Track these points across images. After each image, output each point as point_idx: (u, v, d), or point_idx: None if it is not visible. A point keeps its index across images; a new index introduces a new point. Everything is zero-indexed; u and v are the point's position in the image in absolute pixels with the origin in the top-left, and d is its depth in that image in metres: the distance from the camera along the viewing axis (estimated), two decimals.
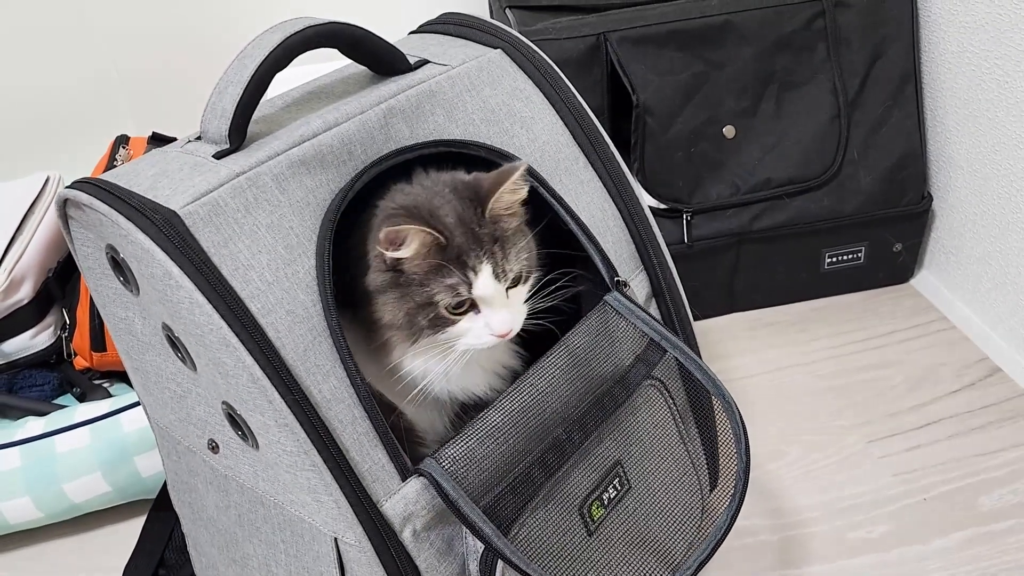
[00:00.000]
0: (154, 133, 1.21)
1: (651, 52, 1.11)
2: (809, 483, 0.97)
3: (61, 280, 1.12)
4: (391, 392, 0.66)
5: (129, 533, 0.94)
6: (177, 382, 0.65)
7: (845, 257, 1.23)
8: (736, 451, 0.69)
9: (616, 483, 0.69)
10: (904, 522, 0.92)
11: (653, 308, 0.79)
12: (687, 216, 1.15)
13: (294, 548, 0.64)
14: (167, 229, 0.55)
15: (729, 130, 1.15)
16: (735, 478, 0.68)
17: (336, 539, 0.59)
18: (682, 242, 1.16)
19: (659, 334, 0.72)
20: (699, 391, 0.78)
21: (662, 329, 0.72)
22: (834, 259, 1.23)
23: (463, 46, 0.78)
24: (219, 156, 0.61)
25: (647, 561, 0.70)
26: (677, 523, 0.73)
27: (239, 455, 0.64)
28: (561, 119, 0.77)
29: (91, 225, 0.62)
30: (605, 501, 0.68)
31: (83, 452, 0.92)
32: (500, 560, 0.61)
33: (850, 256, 1.23)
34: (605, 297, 0.72)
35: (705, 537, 0.67)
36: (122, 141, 1.20)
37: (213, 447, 0.66)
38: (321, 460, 0.56)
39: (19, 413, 1.02)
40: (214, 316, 0.55)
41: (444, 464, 0.60)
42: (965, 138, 1.14)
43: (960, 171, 1.17)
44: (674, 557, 0.71)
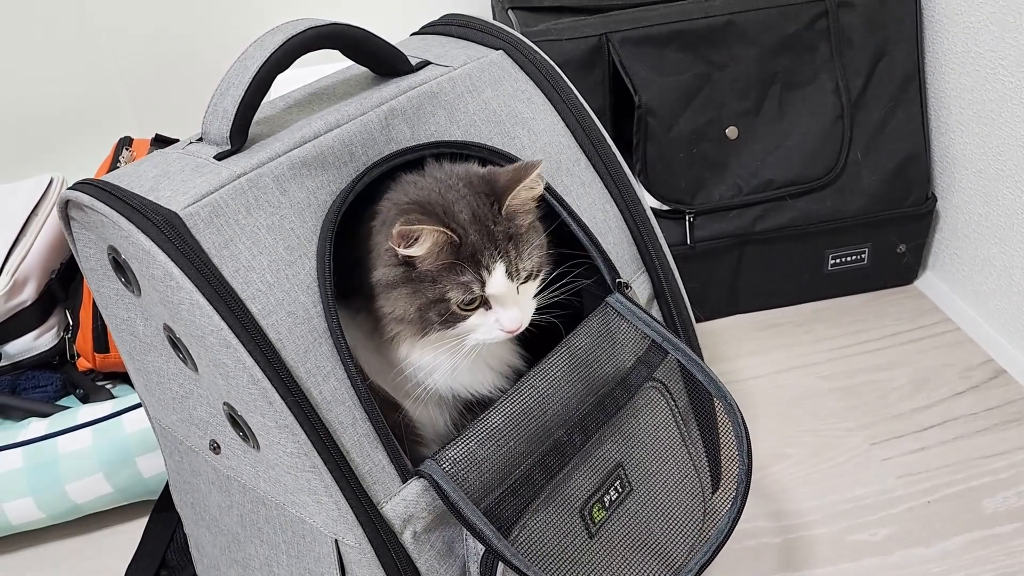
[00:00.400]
0: (157, 135, 1.22)
1: (653, 53, 1.11)
2: (812, 485, 0.97)
3: (64, 282, 1.12)
4: (394, 389, 0.66)
5: (131, 534, 0.94)
6: (179, 383, 0.65)
7: (849, 258, 1.23)
8: (738, 453, 0.69)
9: (617, 485, 0.69)
10: (907, 525, 0.92)
11: (655, 309, 0.79)
12: (689, 217, 1.15)
13: (295, 549, 0.64)
14: (168, 230, 0.55)
15: (732, 131, 1.15)
16: (736, 480, 0.68)
17: (337, 540, 0.59)
18: (684, 243, 1.16)
19: (661, 335, 0.72)
20: (701, 393, 0.77)
21: (664, 331, 0.72)
22: (838, 260, 1.22)
23: (464, 47, 0.78)
24: (220, 157, 0.61)
25: (649, 563, 0.69)
26: (679, 525, 0.73)
27: (240, 456, 0.64)
28: (562, 120, 0.77)
29: (92, 226, 0.62)
30: (606, 503, 0.68)
31: (85, 453, 0.92)
32: (501, 562, 0.61)
33: (854, 257, 1.23)
34: (607, 298, 0.72)
35: (707, 539, 0.67)
36: (126, 143, 1.20)
37: (215, 448, 0.66)
38: (321, 461, 0.56)
39: (22, 414, 1.02)
40: (214, 317, 0.55)
41: (444, 466, 0.60)
42: (969, 138, 1.14)
43: (964, 171, 1.16)
44: (676, 560, 0.71)
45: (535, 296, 0.66)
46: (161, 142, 1.20)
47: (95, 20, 1.33)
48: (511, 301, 0.63)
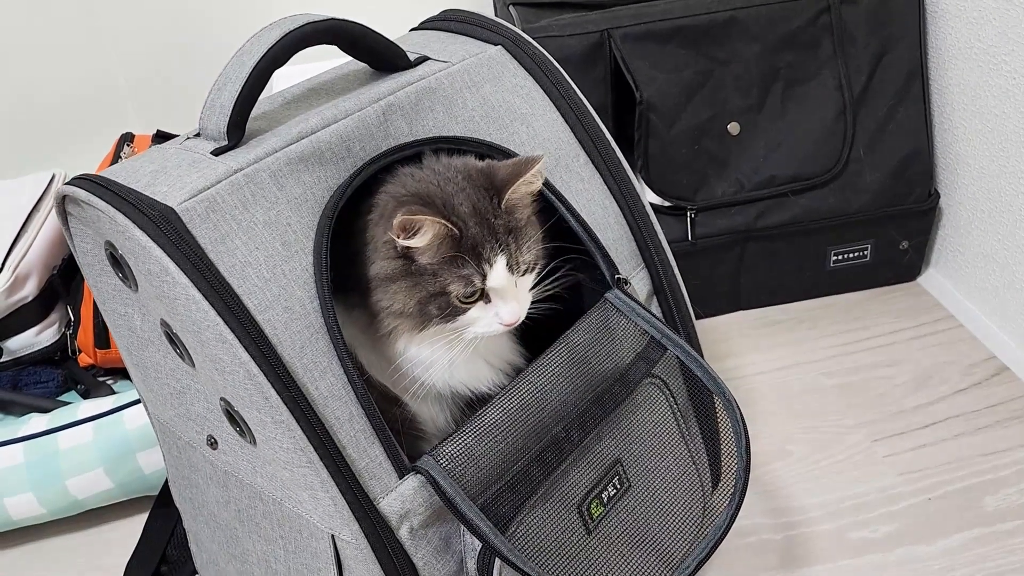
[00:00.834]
0: (159, 131, 1.22)
1: (655, 49, 1.11)
2: (813, 482, 0.97)
3: (65, 277, 1.12)
4: (394, 385, 0.66)
5: (132, 529, 0.94)
6: (176, 378, 0.65)
7: (851, 255, 1.22)
8: (736, 449, 0.69)
9: (616, 481, 0.69)
10: (908, 522, 0.91)
11: (654, 306, 0.79)
12: (691, 214, 1.15)
13: (293, 544, 0.64)
14: (164, 225, 0.55)
15: (734, 127, 1.14)
16: (735, 476, 0.68)
17: (333, 536, 0.59)
18: (686, 240, 1.15)
19: (660, 332, 0.72)
20: (700, 390, 0.77)
21: (663, 327, 0.72)
22: (840, 257, 1.22)
23: (464, 43, 0.78)
24: (217, 153, 0.61)
25: (647, 560, 0.69)
26: (677, 522, 0.72)
27: (237, 451, 0.64)
28: (562, 116, 0.77)
29: (89, 221, 0.62)
30: (604, 499, 0.68)
31: (86, 448, 0.92)
32: (498, 558, 0.61)
33: (856, 254, 1.22)
34: (606, 295, 0.72)
35: (705, 536, 0.67)
36: (127, 139, 1.21)
37: (212, 443, 0.66)
38: (317, 457, 0.56)
39: (23, 410, 1.03)
40: (210, 312, 0.55)
41: (442, 462, 0.60)
42: (973, 134, 1.13)
43: (968, 168, 1.16)
44: (674, 556, 0.71)
45: (531, 289, 0.66)
46: (162, 138, 1.20)
47: (98, 17, 1.33)
48: (510, 294, 0.63)
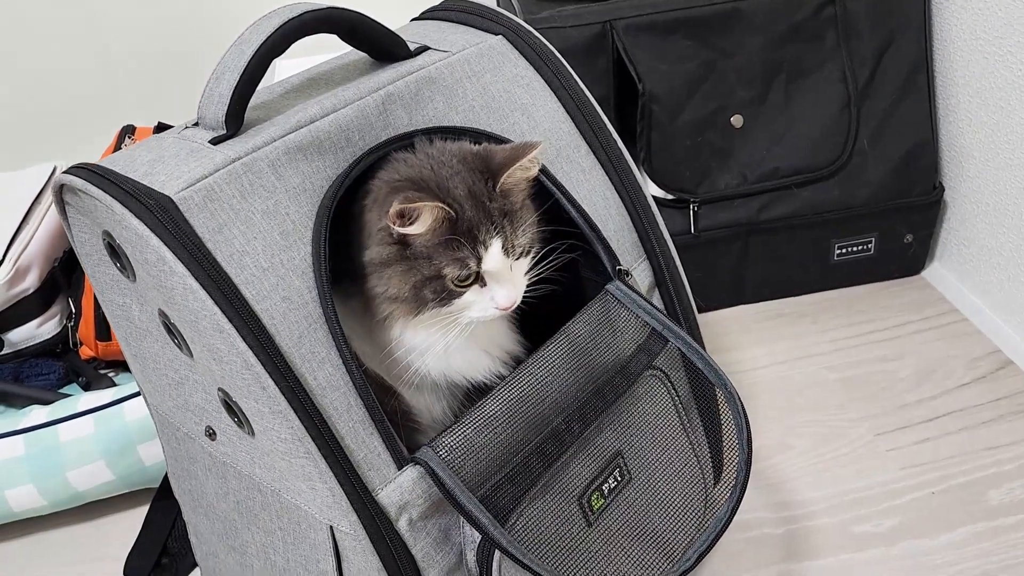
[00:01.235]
0: (159, 123, 1.21)
1: (658, 40, 1.10)
2: (816, 476, 0.96)
3: (67, 270, 1.12)
4: (389, 374, 0.66)
5: (132, 521, 0.94)
6: (174, 369, 0.65)
7: (855, 248, 1.21)
8: (738, 441, 0.68)
9: (616, 474, 0.68)
10: (911, 516, 0.91)
11: (656, 298, 0.79)
12: (694, 206, 1.14)
13: (291, 536, 0.63)
14: (161, 214, 0.55)
15: (737, 119, 1.14)
16: (736, 469, 0.67)
17: (332, 527, 0.59)
18: (689, 232, 1.15)
19: (661, 323, 0.71)
20: (702, 382, 0.77)
21: (664, 319, 0.71)
22: (844, 250, 1.21)
23: (464, 32, 0.77)
24: (215, 142, 0.61)
25: (647, 552, 0.69)
26: (678, 514, 0.72)
27: (236, 442, 0.63)
28: (563, 106, 0.76)
29: (87, 211, 0.61)
30: (605, 492, 0.67)
31: (87, 440, 0.92)
32: (497, 550, 0.61)
33: (860, 247, 1.21)
34: (607, 286, 0.72)
35: (705, 528, 0.66)
36: (128, 131, 1.20)
37: (211, 434, 0.66)
38: (315, 447, 0.56)
39: (24, 401, 1.02)
40: (208, 302, 0.54)
41: (441, 453, 0.59)
42: (978, 127, 1.12)
43: (972, 160, 1.15)
44: (675, 549, 0.70)
45: (526, 274, 0.65)
46: (163, 130, 1.20)
47: (98, 8, 1.33)
48: (506, 277, 0.63)
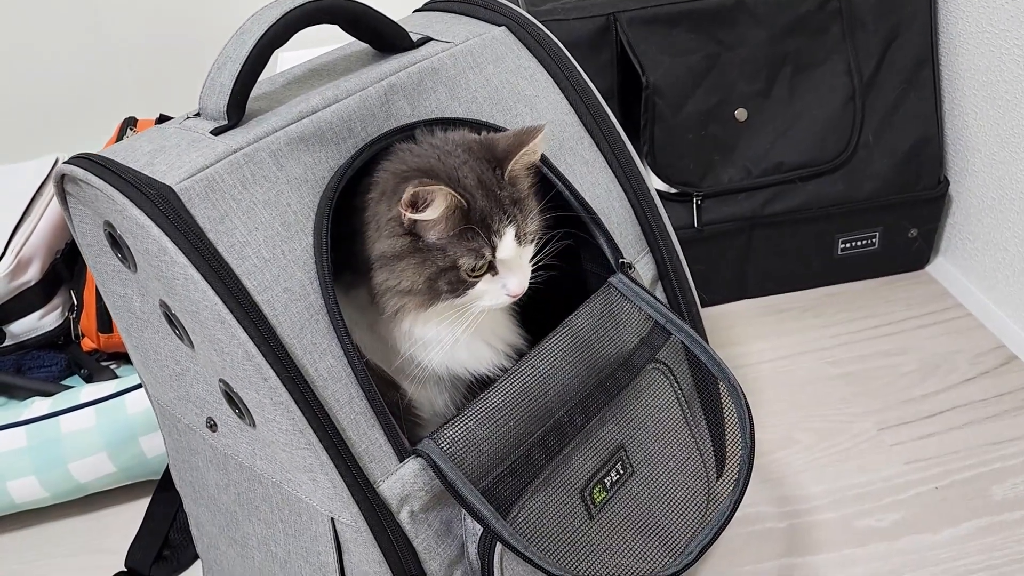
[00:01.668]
0: (161, 115, 1.21)
1: (662, 33, 1.10)
2: (819, 471, 0.96)
3: (69, 262, 1.12)
4: (392, 367, 0.66)
5: (134, 513, 0.94)
6: (175, 359, 0.65)
7: (859, 243, 1.21)
8: (740, 435, 0.68)
9: (619, 467, 0.68)
10: (915, 511, 0.91)
11: (659, 291, 0.78)
12: (697, 200, 1.14)
13: (292, 528, 0.63)
14: (162, 204, 0.55)
15: (741, 113, 1.13)
16: (739, 463, 0.67)
17: (333, 519, 0.59)
18: (692, 226, 1.14)
19: (664, 317, 0.71)
20: (706, 376, 0.77)
21: (667, 312, 0.71)
22: (848, 244, 1.21)
23: (467, 23, 0.77)
24: (217, 132, 0.61)
25: (650, 546, 0.69)
26: (681, 508, 0.72)
27: (237, 434, 0.63)
28: (566, 98, 0.76)
29: (88, 201, 0.61)
30: (607, 485, 0.67)
31: (88, 432, 0.92)
32: (499, 542, 0.60)
33: (864, 241, 1.21)
34: (609, 279, 0.71)
35: (708, 522, 0.66)
36: (130, 123, 1.20)
37: (212, 425, 0.65)
38: (317, 439, 0.56)
39: (26, 393, 1.02)
40: (209, 292, 0.54)
41: (443, 445, 0.59)
42: (983, 121, 1.12)
43: (978, 155, 1.14)
44: (677, 542, 0.70)
45: (531, 260, 0.65)
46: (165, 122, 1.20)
47: (100, 1, 1.33)
48: (516, 265, 0.63)
